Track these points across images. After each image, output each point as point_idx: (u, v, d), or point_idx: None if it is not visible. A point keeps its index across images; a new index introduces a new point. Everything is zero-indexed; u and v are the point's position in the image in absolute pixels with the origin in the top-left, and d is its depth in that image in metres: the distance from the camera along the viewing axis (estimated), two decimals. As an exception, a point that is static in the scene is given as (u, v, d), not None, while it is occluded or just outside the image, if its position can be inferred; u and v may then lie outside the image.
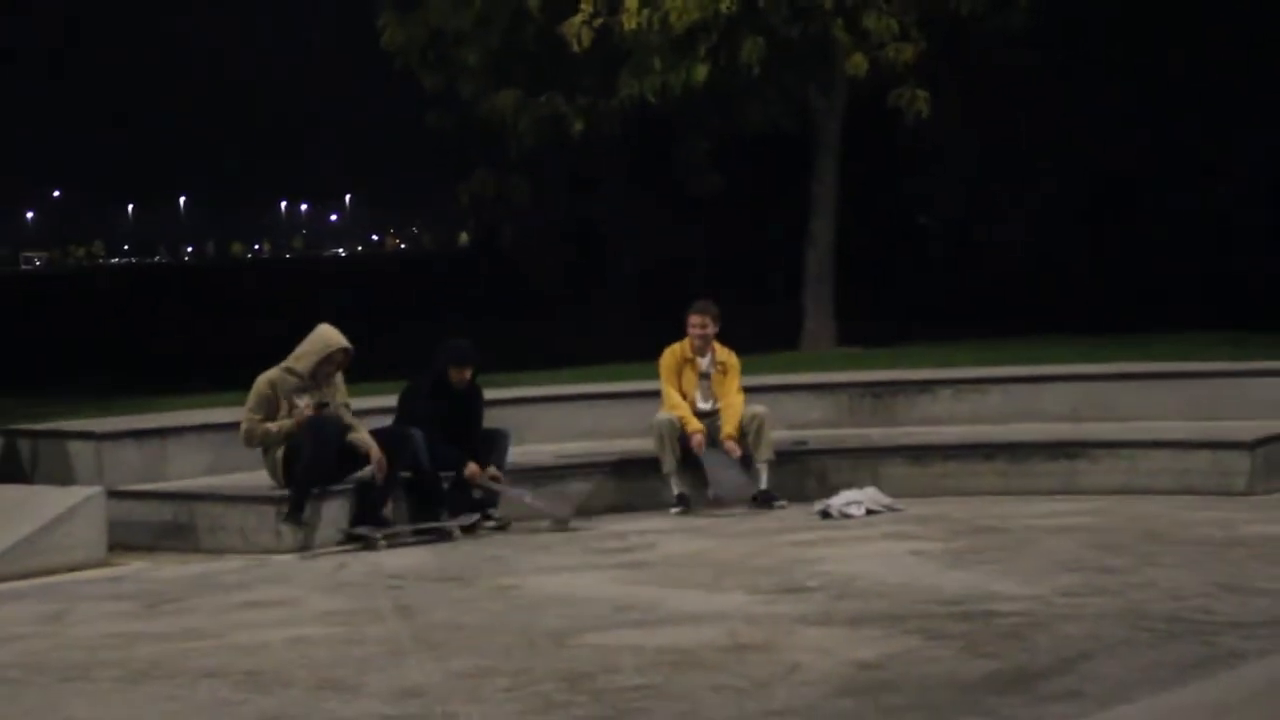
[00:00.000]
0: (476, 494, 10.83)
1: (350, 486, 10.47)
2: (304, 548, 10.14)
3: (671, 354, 11.63)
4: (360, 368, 11.12)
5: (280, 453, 10.42)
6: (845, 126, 20.39)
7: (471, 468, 10.78)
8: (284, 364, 10.58)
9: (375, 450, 10.34)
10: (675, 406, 11.43)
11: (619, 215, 34.47)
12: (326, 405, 10.47)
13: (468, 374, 11.03)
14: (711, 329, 11.60)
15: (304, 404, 10.43)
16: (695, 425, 11.36)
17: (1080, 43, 24.83)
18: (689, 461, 11.36)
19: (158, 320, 41.20)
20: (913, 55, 19.09)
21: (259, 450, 10.58)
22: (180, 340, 33.09)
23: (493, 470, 10.86)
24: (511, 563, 9.62)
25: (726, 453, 11.35)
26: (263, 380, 10.53)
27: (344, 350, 10.61)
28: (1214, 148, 25.36)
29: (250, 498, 10.44)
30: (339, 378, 10.68)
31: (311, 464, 10.24)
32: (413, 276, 57.54)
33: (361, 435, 10.48)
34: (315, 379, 10.51)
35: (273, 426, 10.42)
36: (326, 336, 10.64)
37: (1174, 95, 24.66)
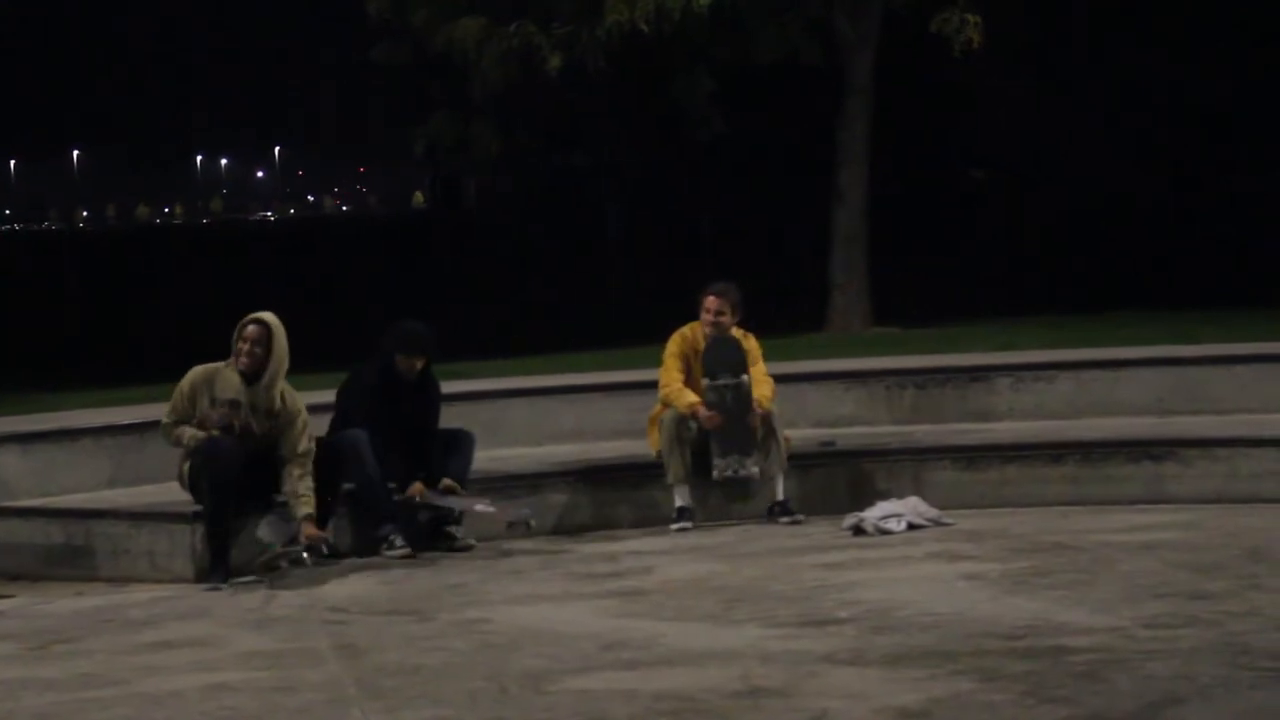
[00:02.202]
0: (423, 516, 10.76)
1: (281, 502, 10.44)
2: (225, 574, 10.08)
3: (682, 339, 11.49)
4: (293, 356, 11.00)
5: (187, 466, 10.32)
6: (879, 59, 20.39)
7: (414, 487, 10.65)
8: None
9: (311, 530, 10.14)
10: (679, 395, 11.31)
11: (605, 169, 34.50)
12: (231, 427, 10.15)
13: (419, 364, 10.93)
14: (728, 319, 11.46)
15: (215, 414, 10.19)
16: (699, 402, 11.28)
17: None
18: (698, 467, 11.33)
19: (46, 299, 41.19)
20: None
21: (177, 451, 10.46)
22: (75, 323, 33.11)
23: (448, 481, 10.78)
24: (478, 591, 9.61)
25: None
26: (190, 375, 10.35)
27: (255, 324, 10.23)
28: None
29: (160, 515, 10.40)
30: (283, 394, 10.30)
31: (212, 508, 10.06)
32: (357, 244, 57.57)
33: (295, 500, 10.17)
34: (245, 376, 10.30)
35: (186, 434, 10.31)
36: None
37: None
